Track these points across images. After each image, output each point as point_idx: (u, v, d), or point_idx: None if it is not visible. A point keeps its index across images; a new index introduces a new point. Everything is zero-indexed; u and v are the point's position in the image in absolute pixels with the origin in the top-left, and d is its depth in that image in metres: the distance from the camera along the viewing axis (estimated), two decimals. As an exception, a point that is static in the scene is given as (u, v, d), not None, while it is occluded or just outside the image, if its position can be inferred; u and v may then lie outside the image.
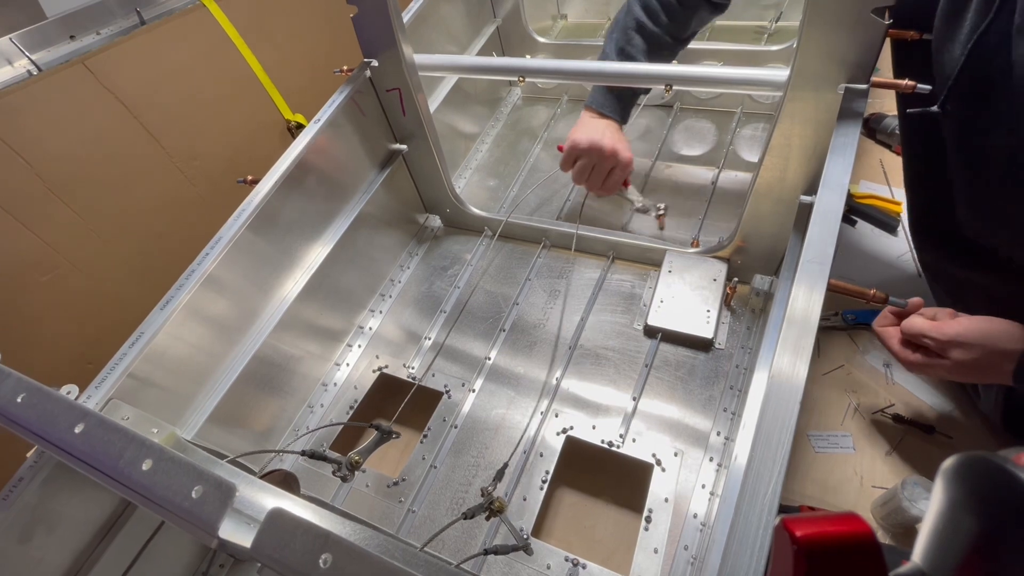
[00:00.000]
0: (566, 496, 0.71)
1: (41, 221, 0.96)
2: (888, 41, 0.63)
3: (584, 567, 0.60)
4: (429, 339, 0.84)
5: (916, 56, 0.60)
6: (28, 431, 0.43)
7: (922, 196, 0.70)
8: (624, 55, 0.82)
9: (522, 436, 0.69)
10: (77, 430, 0.41)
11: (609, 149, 0.82)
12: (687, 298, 0.77)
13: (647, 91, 0.94)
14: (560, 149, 0.89)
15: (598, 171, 0.85)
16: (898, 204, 0.93)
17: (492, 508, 0.54)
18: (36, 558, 0.51)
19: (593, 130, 0.84)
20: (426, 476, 0.69)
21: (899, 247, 0.88)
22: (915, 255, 0.78)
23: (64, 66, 0.99)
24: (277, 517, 0.33)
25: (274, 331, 0.72)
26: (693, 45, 0.92)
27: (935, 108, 0.55)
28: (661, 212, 0.93)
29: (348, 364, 0.84)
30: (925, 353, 0.56)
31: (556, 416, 0.72)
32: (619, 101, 0.85)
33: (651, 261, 0.86)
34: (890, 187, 0.96)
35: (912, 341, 0.57)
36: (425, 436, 0.73)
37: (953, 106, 0.54)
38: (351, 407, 0.78)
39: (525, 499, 0.66)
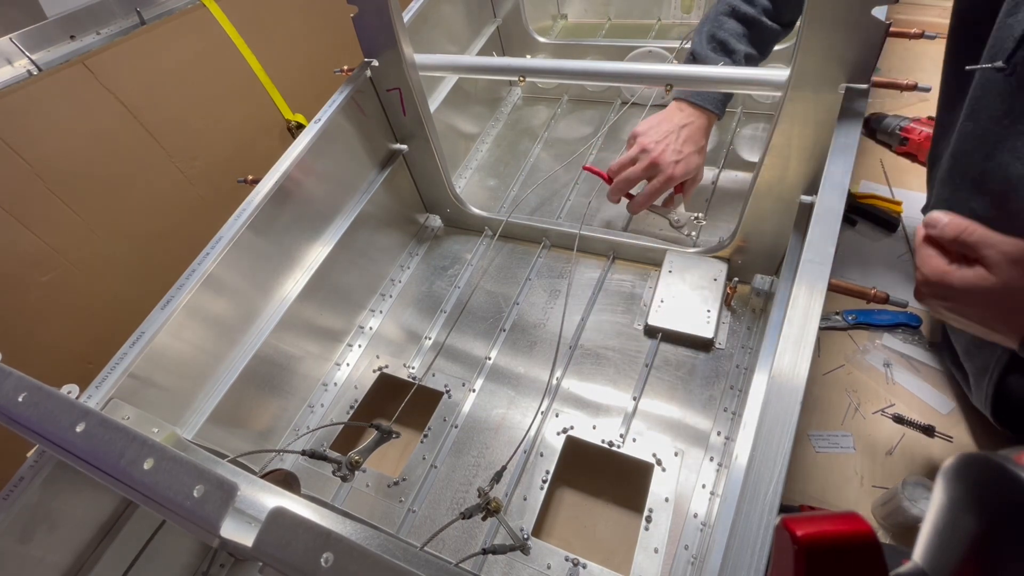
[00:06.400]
0: (566, 496, 0.71)
1: (41, 221, 0.96)
2: (947, 34, 0.62)
3: (584, 567, 0.60)
4: (429, 339, 0.84)
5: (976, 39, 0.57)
6: (29, 430, 0.43)
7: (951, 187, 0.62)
8: (715, 42, 0.75)
9: (523, 436, 0.69)
10: (78, 429, 0.41)
11: (652, 157, 0.75)
12: (687, 298, 0.77)
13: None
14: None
15: (632, 175, 0.79)
16: (898, 204, 0.93)
17: (488, 508, 0.54)
18: (37, 557, 0.51)
19: (661, 129, 0.76)
20: (426, 476, 0.70)
21: (899, 247, 0.88)
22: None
23: (64, 66, 0.99)
24: (278, 516, 0.33)
25: (274, 331, 0.72)
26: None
27: (1000, 63, 0.51)
28: (698, 224, 0.85)
29: (348, 364, 0.84)
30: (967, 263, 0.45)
31: (556, 416, 0.72)
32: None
33: (651, 261, 0.86)
34: (890, 187, 0.96)
35: (960, 251, 0.45)
36: (425, 436, 0.73)
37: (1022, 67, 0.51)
38: (351, 407, 0.79)
39: (525, 499, 0.66)
